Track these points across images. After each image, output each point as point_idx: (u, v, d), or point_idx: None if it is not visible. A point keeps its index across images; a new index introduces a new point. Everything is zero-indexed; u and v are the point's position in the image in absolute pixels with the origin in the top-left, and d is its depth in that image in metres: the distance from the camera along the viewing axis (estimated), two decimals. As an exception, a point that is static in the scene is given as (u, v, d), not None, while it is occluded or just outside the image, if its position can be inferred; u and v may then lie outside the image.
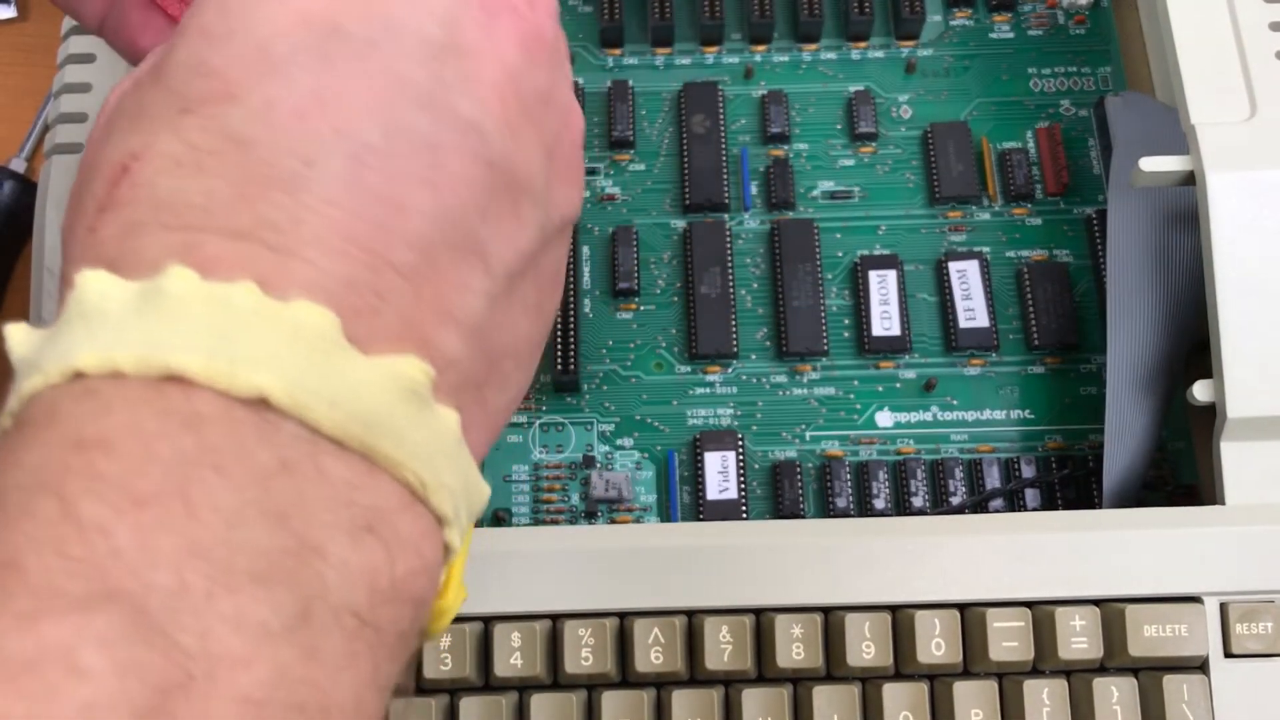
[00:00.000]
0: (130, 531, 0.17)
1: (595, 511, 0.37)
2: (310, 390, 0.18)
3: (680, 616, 0.31)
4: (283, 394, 0.18)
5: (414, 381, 0.19)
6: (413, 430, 0.19)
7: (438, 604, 0.22)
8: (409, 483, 0.19)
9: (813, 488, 0.37)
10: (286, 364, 0.18)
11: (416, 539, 0.20)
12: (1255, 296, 0.33)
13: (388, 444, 0.19)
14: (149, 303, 0.18)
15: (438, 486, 0.20)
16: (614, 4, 0.42)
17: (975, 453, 0.37)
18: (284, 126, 0.20)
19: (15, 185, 0.42)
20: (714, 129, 0.40)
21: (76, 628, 0.16)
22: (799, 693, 0.31)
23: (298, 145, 0.20)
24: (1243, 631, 0.31)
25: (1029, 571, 0.31)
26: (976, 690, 0.31)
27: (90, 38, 0.38)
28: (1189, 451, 0.37)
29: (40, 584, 0.16)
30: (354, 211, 0.20)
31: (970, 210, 0.40)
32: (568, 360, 0.37)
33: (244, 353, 0.18)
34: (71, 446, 0.17)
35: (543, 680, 0.31)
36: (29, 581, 0.16)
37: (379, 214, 0.20)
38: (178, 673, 0.16)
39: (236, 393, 0.18)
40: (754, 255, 0.40)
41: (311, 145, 0.20)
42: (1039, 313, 0.38)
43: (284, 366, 0.18)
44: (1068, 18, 0.42)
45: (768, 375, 0.38)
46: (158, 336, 0.18)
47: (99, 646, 0.16)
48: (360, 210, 0.20)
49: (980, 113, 0.41)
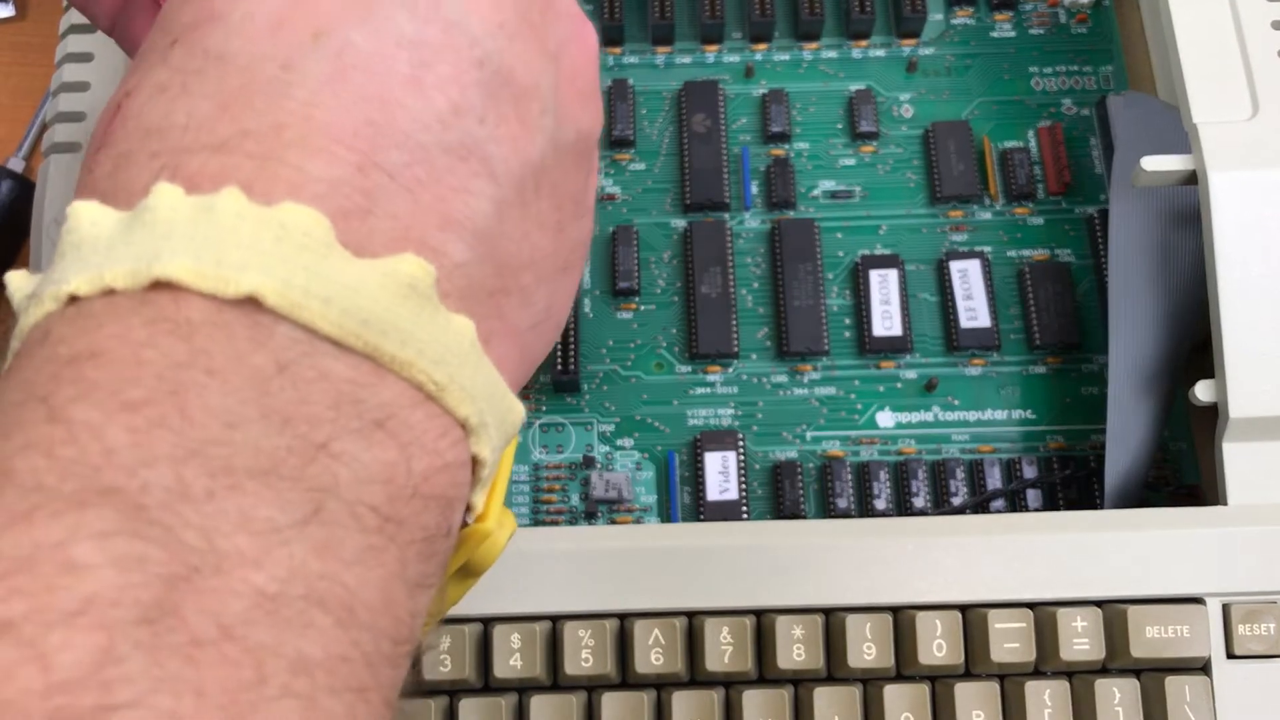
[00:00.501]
0: (122, 432, 0.16)
1: (595, 512, 0.37)
2: (302, 289, 0.18)
3: (680, 617, 0.31)
4: (274, 294, 0.18)
5: (413, 278, 0.19)
6: (418, 329, 0.19)
7: (479, 527, 0.22)
8: (420, 382, 0.19)
9: (813, 488, 0.37)
10: (275, 264, 0.18)
11: (433, 438, 0.19)
12: (1257, 296, 0.32)
13: (391, 343, 0.18)
14: (137, 222, 0.18)
15: (454, 388, 0.19)
16: (614, 3, 0.42)
17: (976, 453, 0.37)
18: (262, 35, 0.20)
19: (13, 184, 0.42)
20: (714, 128, 0.40)
21: (69, 525, 0.15)
22: (800, 694, 0.31)
23: (277, 52, 0.20)
24: (1245, 632, 0.31)
25: (1030, 572, 0.31)
26: (978, 691, 0.31)
27: (89, 36, 0.37)
28: (1191, 452, 0.37)
29: (29, 484, 0.16)
30: (337, 111, 0.19)
31: (971, 210, 0.40)
32: (568, 360, 0.37)
33: (232, 257, 0.18)
34: (62, 361, 0.17)
35: (542, 681, 0.31)
36: (17, 482, 0.16)
37: (364, 112, 0.19)
38: (181, 566, 0.16)
39: (226, 295, 0.17)
40: (754, 255, 0.39)
41: (290, 50, 0.20)
42: (1040, 312, 0.38)
43: (273, 267, 0.18)
44: (1069, 16, 0.42)
45: (768, 375, 0.38)
46: (146, 250, 0.18)
47: (94, 541, 0.15)
48: (344, 110, 0.19)
49: (981, 112, 0.41)
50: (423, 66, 0.20)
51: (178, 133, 0.19)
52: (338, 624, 0.17)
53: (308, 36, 0.20)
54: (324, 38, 0.20)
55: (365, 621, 0.17)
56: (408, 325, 0.19)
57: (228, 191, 0.18)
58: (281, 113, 0.19)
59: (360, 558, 0.18)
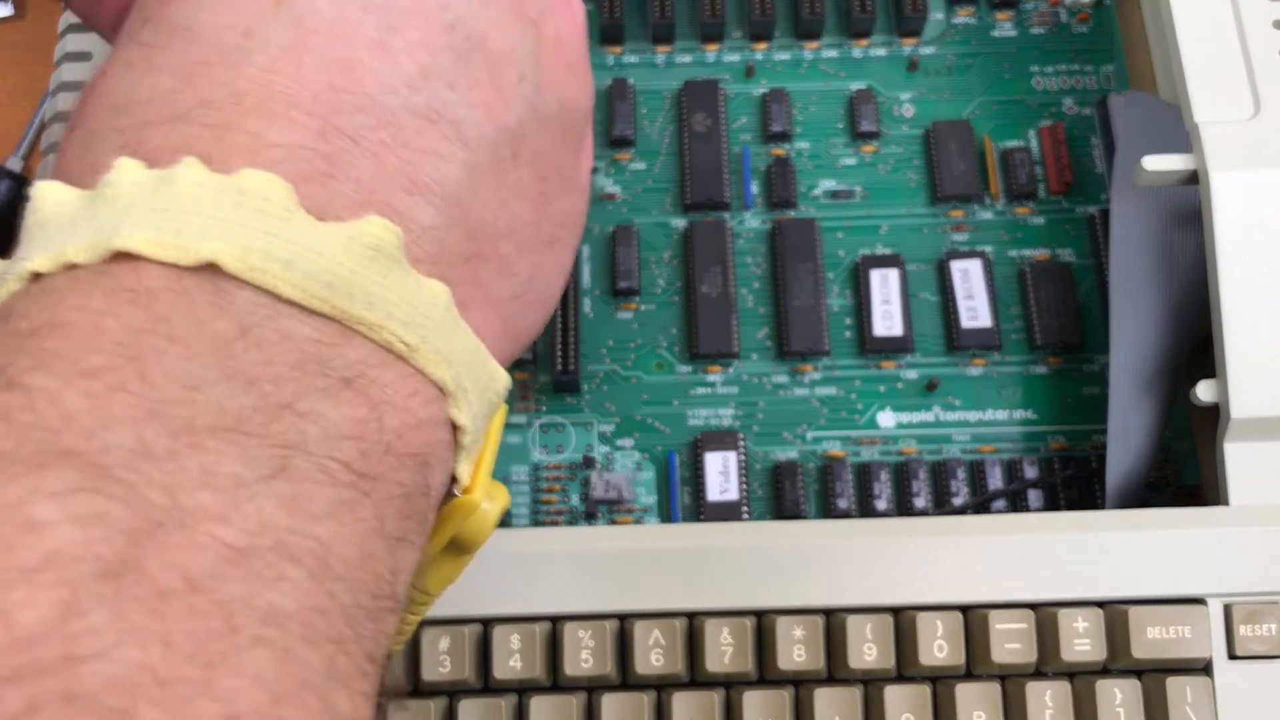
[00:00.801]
0: (80, 397, 0.16)
1: (595, 512, 0.37)
2: (262, 253, 0.18)
3: (681, 618, 0.31)
4: (232, 259, 0.18)
5: (378, 239, 0.19)
6: (385, 292, 0.19)
7: (466, 499, 0.21)
8: (389, 344, 0.19)
9: (814, 488, 0.37)
10: (234, 231, 0.18)
11: (404, 397, 0.19)
12: (1259, 296, 0.32)
13: (357, 305, 0.18)
14: (98, 199, 0.18)
15: (426, 349, 0.19)
16: (614, 1, 0.42)
17: (977, 453, 0.37)
18: (225, 5, 0.20)
19: (12, 184, 0.42)
20: (715, 127, 0.40)
21: (28, 486, 0.15)
22: (800, 695, 0.31)
23: (238, 20, 0.20)
24: (1247, 633, 0.31)
25: (1032, 573, 0.31)
26: (979, 692, 0.31)
27: (88, 36, 0.37)
28: (1192, 452, 0.37)
29: None
30: (297, 77, 0.19)
31: (972, 209, 0.40)
32: (567, 360, 0.37)
33: (191, 226, 0.18)
34: (22, 335, 0.17)
35: (542, 682, 0.31)
36: None
37: (326, 78, 0.19)
38: (144, 522, 0.16)
39: (185, 264, 0.17)
40: (755, 254, 0.39)
41: (251, 18, 0.20)
42: (1041, 312, 0.38)
43: (232, 233, 0.18)
44: (1070, 16, 0.42)
45: (769, 375, 0.38)
46: (106, 225, 0.18)
47: (54, 500, 0.15)
48: (305, 75, 0.19)
49: (982, 111, 0.41)
50: (390, 30, 0.20)
51: (140, 107, 0.19)
52: (310, 576, 0.17)
53: (269, 3, 0.20)
54: (286, 4, 0.20)
55: (341, 574, 0.17)
56: (375, 288, 0.19)
57: (186, 162, 0.18)
58: (242, 80, 0.19)
59: (332, 512, 0.18)
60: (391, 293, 0.19)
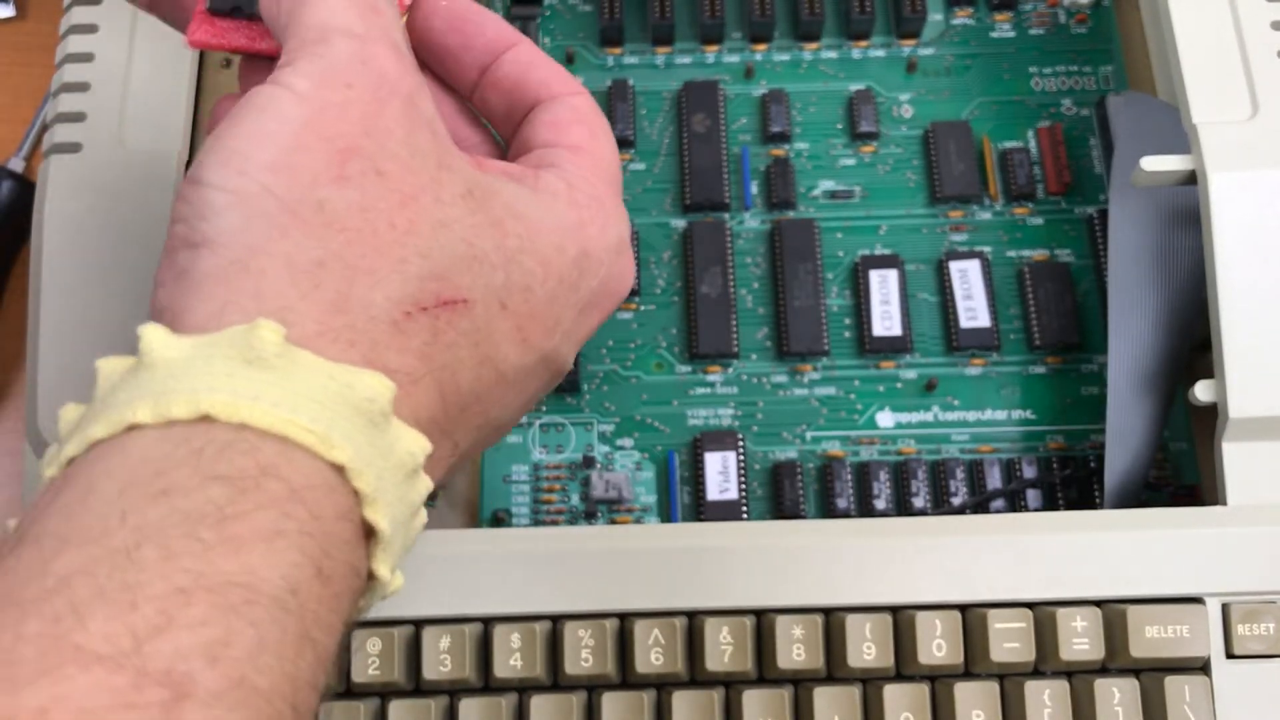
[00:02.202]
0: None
1: (595, 512, 0.37)
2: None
3: (680, 617, 0.31)
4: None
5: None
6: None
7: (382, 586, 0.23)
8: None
9: (813, 488, 0.37)
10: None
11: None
12: (1257, 296, 0.32)
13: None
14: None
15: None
16: (614, 3, 0.42)
17: (976, 453, 0.37)
18: None
19: (14, 185, 0.42)
20: (714, 128, 0.40)
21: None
22: (800, 694, 0.31)
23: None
24: (1245, 632, 0.31)
25: (1030, 572, 0.31)
26: (978, 691, 0.31)
27: (90, 37, 0.37)
28: (1191, 452, 0.37)
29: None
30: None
31: (971, 210, 0.40)
32: (568, 360, 0.37)
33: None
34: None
35: (542, 681, 0.31)
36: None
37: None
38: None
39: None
40: (754, 255, 0.39)
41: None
42: (1040, 312, 0.38)
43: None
44: (1069, 17, 0.42)
45: (768, 375, 0.38)
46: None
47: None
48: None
49: (981, 112, 0.41)
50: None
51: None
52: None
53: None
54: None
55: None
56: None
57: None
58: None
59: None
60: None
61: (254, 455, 0.20)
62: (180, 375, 0.21)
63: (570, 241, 0.26)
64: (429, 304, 0.23)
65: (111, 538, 0.18)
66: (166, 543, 0.18)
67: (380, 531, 0.21)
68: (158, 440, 0.20)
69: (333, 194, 0.23)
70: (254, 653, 0.18)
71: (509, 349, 0.25)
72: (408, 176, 0.24)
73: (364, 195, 0.23)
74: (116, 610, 0.18)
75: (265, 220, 0.22)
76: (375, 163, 0.23)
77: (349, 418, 0.21)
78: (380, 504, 0.21)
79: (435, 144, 0.24)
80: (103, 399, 0.21)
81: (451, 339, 0.24)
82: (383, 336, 0.23)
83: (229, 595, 0.18)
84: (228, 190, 0.22)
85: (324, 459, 0.21)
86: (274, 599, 0.19)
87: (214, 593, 0.18)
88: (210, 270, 0.22)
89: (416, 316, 0.23)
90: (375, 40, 0.24)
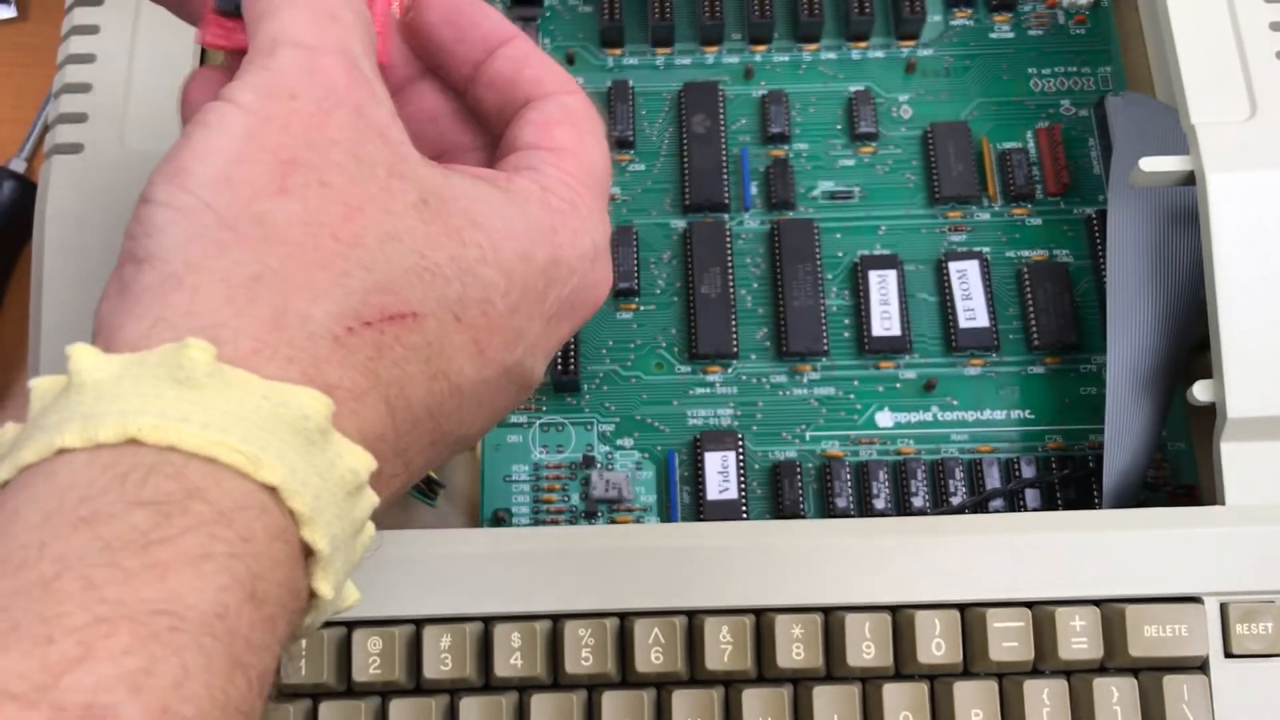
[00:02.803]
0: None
1: (595, 511, 0.37)
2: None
3: (680, 617, 0.31)
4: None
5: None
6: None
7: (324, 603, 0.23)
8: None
9: (813, 488, 0.37)
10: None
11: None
12: (1255, 296, 0.33)
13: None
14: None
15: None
16: (614, 4, 0.42)
17: (975, 453, 0.37)
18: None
19: (15, 185, 0.42)
20: (714, 129, 0.40)
21: None
22: (799, 693, 0.31)
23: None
24: (1243, 632, 0.31)
25: (1029, 572, 0.31)
26: (977, 690, 0.31)
27: (91, 38, 0.37)
28: (1189, 452, 0.37)
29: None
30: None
31: (970, 210, 0.40)
32: (568, 360, 0.37)
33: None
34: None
35: (543, 680, 0.31)
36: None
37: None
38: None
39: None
40: (754, 255, 0.40)
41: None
42: (1039, 313, 0.38)
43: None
44: (1068, 17, 0.42)
45: (768, 375, 0.38)
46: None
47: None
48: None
49: (980, 113, 0.41)
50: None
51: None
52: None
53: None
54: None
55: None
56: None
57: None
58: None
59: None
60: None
61: (180, 478, 0.19)
62: (109, 397, 0.20)
63: (539, 248, 0.25)
64: (373, 318, 0.23)
65: (30, 570, 0.18)
66: (87, 572, 0.18)
67: (319, 551, 0.21)
68: (85, 465, 0.19)
69: (273, 207, 0.22)
70: (180, 681, 0.18)
71: (464, 363, 0.25)
72: (353, 188, 0.23)
73: (306, 208, 0.22)
74: (32, 645, 0.17)
75: (204, 236, 0.22)
76: (319, 174, 0.23)
77: (284, 436, 0.21)
78: (319, 523, 0.21)
79: (387, 153, 0.24)
80: (34, 421, 0.21)
81: (399, 354, 0.23)
82: (323, 352, 0.22)
83: (152, 623, 0.18)
84: (171, 207, 0.22)
85: (254, 480, 0.20)
86: (201, 624, 0.18)
87: (136, 621, 0.18)
88: (146, 286, 0.22)
89: (359, 331, 0.22)
90: (326, 51, 0.24)
